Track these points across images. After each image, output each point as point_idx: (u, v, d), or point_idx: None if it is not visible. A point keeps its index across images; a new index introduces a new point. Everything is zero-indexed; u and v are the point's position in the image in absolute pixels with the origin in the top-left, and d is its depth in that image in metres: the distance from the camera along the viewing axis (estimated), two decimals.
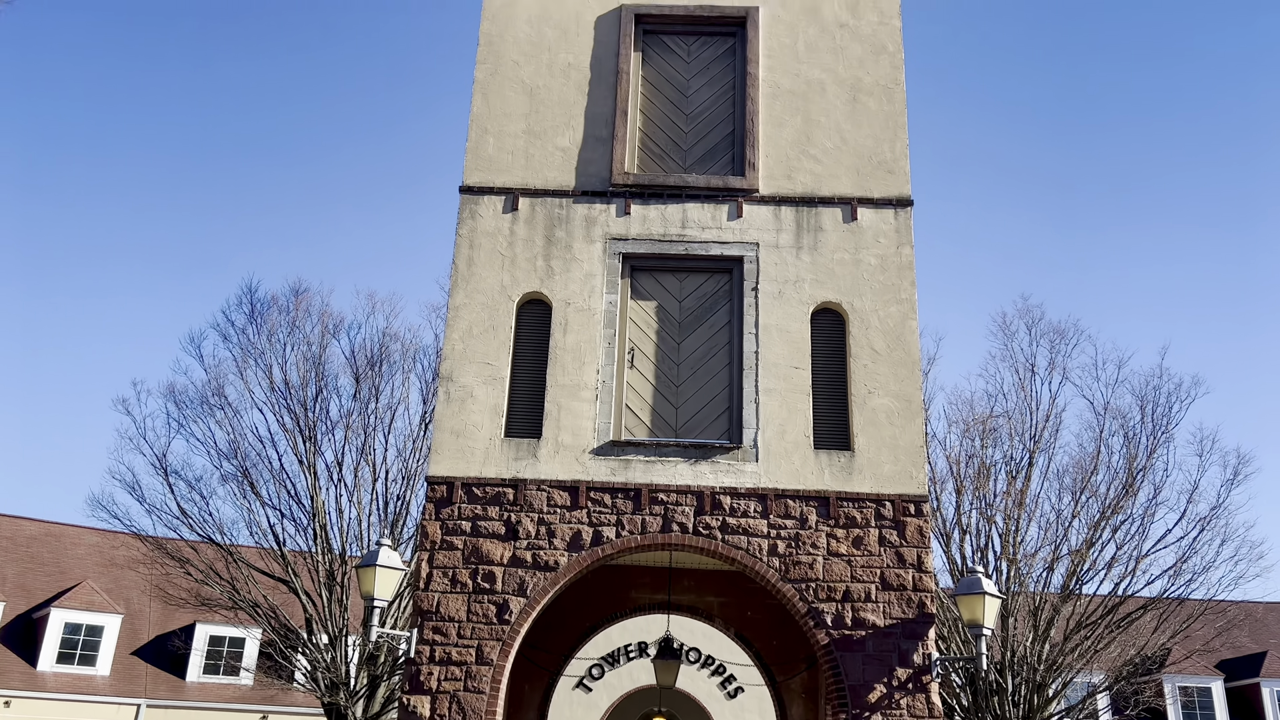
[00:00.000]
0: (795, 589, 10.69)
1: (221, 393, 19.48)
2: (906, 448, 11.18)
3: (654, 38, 13.11)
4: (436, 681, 10.32)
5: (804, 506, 10.98)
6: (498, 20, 12.94)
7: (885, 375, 11.46)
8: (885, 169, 12.27)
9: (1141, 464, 18.27)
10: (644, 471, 11.12)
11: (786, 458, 11.16)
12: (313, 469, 19.52)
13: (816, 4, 13.01)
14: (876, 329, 11.65)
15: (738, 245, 11.99)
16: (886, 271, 11.85)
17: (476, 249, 11.98)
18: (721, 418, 11.52)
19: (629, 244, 12.00)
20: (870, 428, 11.26)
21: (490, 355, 11.54)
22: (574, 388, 11.42)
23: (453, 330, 11.67)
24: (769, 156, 12.35)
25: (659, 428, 11.48)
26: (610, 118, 12.49)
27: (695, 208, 12.14)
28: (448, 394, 11.40)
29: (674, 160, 12.56)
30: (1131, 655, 18.86)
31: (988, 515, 19.21)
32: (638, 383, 11.67)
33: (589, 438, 11.23)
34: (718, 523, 10.94)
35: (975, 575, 10.43)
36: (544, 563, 10.79)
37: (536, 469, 11.13)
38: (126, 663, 32.25)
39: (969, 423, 19.75)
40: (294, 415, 19.38)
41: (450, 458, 11.16)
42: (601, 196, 12.18)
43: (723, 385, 11.64)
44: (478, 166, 12.31)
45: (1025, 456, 19.37)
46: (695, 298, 12.04)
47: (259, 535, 19.63)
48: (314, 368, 19.60)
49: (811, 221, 12.06)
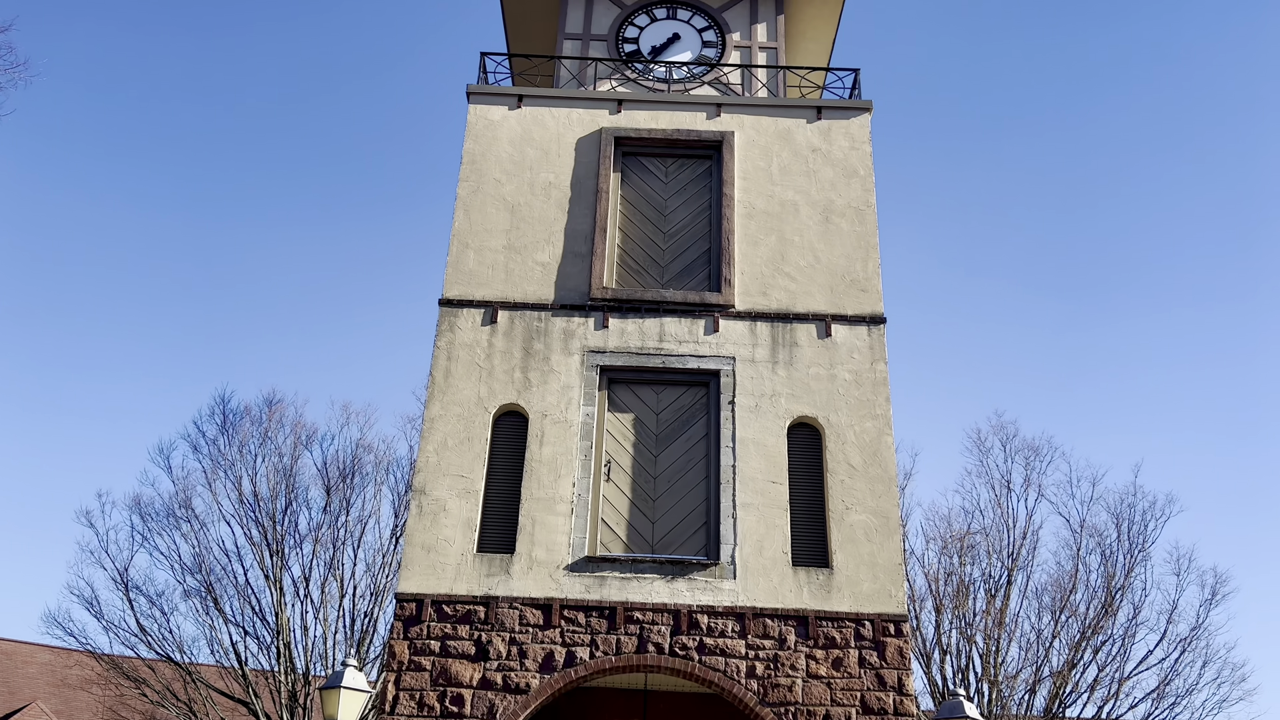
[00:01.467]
0: (774, 713, 10.38)
1: (189, 505, 19.09)
2: (885, 565, 11.05)
3: (633, 159, 13.50)
4: None
5: (783, 626, 10.76)
6: (481, 140, 13.30)
7: (862, 491, 11.42)
8: (858, 287, 12.51)
9: (1120, 583, 18.14)
10: (619, 589, 10.89)
11: (765, 575, 10.99)
12: (279, 584, 18.99)
13: (789, 129, 13.49)
14: (853, 444, 11.67)
15: (714, 359, 12.09)
16: (861, 387, 11.95)
17: (454, 361, 12.00)
18: (699, 533, 11.39)
19: (607, 357, 12.07)
20: (848, 544, 11.15)
21: (464, 468, 11.42)
22: (549, 501, 11.28)
23: (427, 442, 11.57)
24: (745, 273, 12.58)
25: (635, 543, 11.31)
26: (590, 234, 12.74)
27: (673, 322, 12.28)
28: (420, 507, 11.22)
29: (652, 276, 12.77)
30: None
31: (968, 635, 18.90)
32: (614, 496, 11.56)
33: (564, 553, 11.04)
34: (694, 643, 10.68)
35: (958, 699, 10.19)
36: (515, 685, 10.44)
37: (509, 586, 10.88)
38: None
39: (947, 540, 19.63)
40: (262, 528, 18.97)
41: (420, 574, 10.91)
42: (580, 310, 12.31)
43: (700, 499, 11.55)
44: (458, 280, 12.45)
45: (1004, 575, 19.20)
46: (672, 410, 12.05)
47: (220, 654, 18.93)
48: (285, 479, 19.29)
49: (787, 337, 12.21)
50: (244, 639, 18.84)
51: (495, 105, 13.52)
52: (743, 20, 15.18)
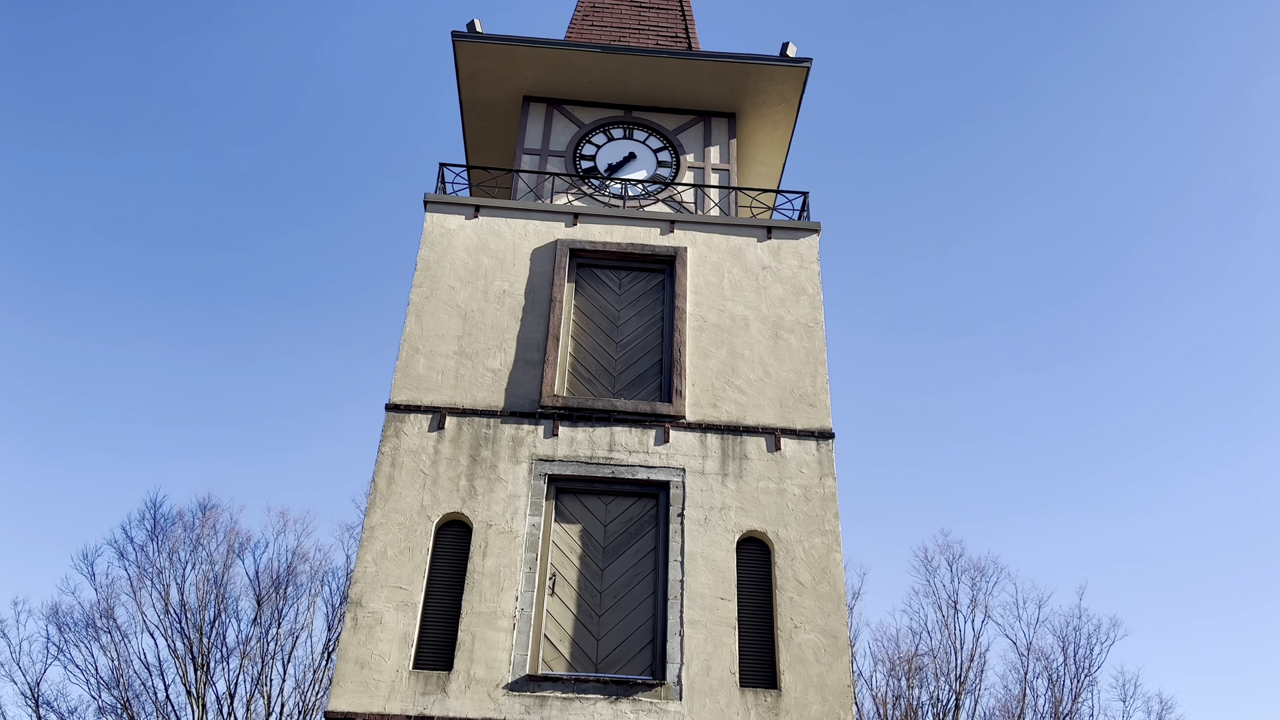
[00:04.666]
0: None
1: (110, 614, 18.13)
2: (834, 687, 10.80)
3: (588, 270, 13.66)
4: None
5: None
6: (436, 247, 13.39)
7: (811, 609, 11.24)
8: (807, 402, 12.62)
9: (1068, 708, 17.92)
10: (561, 710, 10.47)
11: (711, 696, 10.66)
12: (202, 701, 17.96)
13: (740, 247, 13.81)
14: (802, 560, 11.55)
15: (664, 470, 12.00)
16: (810, 502, 11.91)
17: (398, 467, 11.75)
18: (644, 651, 11.06)
19: (555, 465, 11.92)
20: (797, 665, 10.90)
21: (404, 579, 11.05)
22: (491, 615, 10.92)
23: (366, 552, 11.21)
24: (695, 385, 12.63)
25: (579, 660, 10.94)
26: (542, 342, 12.75)
27: (623, 431, 12.22)
28: (355, 620, 10.78)
29: (603, 385, 12.76)
30: None
31: None
32: (558, 611, 11.23)
33: (504, 671, 10.63)
34: None
35: None
36: None
37: (445, 705, 10.40)
38: None
39: (894, 661, 19.33)
40: (187, 640, 18.03)
41: (353, 691, 10.39)
42: (530, 418, 12.20)
43: (646, 615, 11.27)
44: (406, 385, 12.31)
45: (951, 699, 18.88)
46: (620, 522, 11.87)
47: None
48: (215, 589, 18.48)
49: (737, 449, 12.20)
50: None
51: (452, 214, 13.67)
52: (696, 143, 15.68)
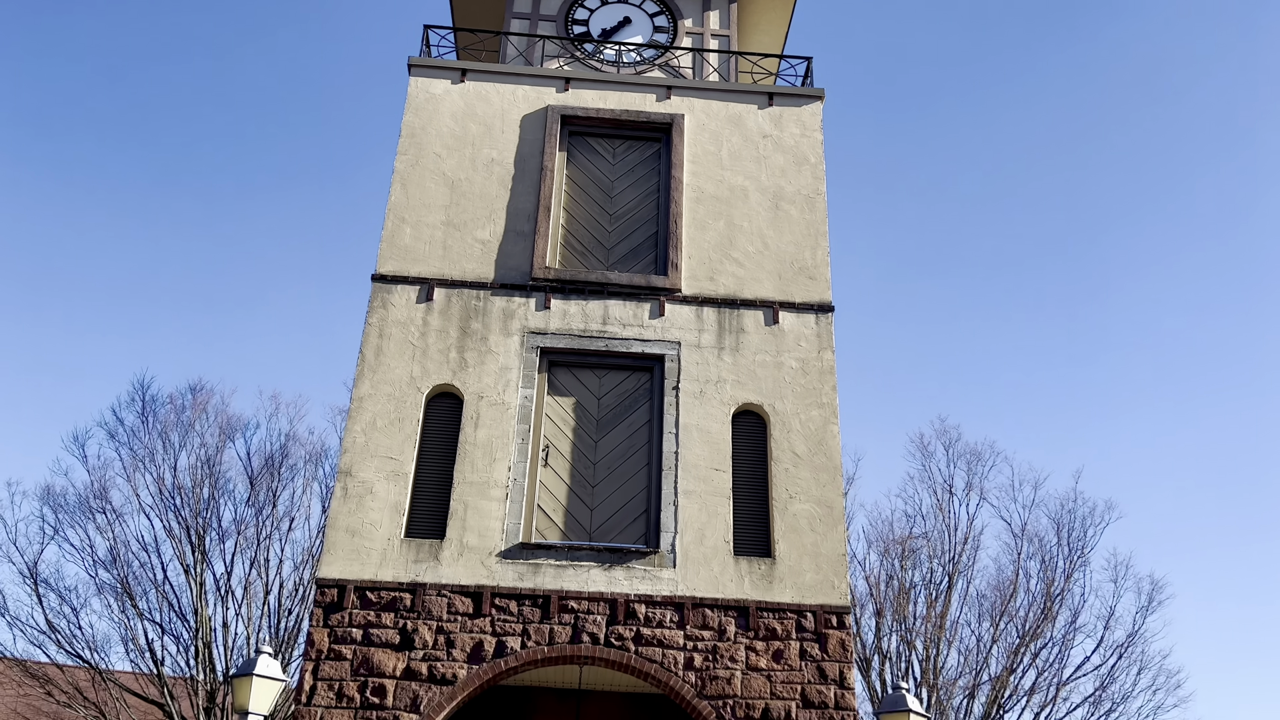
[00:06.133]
0: (712, 706, 9.98)
1: (105, 496, 18.13)
2: (829, 556, 10.75)
3: (580, 139, 13.13)
4: None
5: (723, 617, 10.39)
6: (422, 113, 12.82)
7: (807, 480, 11.12)
8: (807, 275, 12.27)
9: (1060, 588, 18.13)
10: (554, 577, 10.43)
11: (705, 564, 10.62)
12: (199, 580, 18.11)
13: (740, 114, 13.24)
14: (798, 433, 11.38)
15: (659, 344, 11.73)
16: (808, 375, 11.68)
17: (386, 339, 11.47)
18: (638, 521, 10.98)
19: (548, 338, 11.64)
20: (791, 534, 10.83)
21: (394, 450, 10.89)
22: (483, 486, 10.79)
23: (355, 422, 11.02)
24: (692, 258, 12.26)
25: (572, 530, 10.87)
26: (533, 213, 12.33)
27: (617, 305, 11.90)
28: (345, 490, 10.66)
29: (597, 258, 12.38)
30: None
31: (908, 640, 18.72)
32: (551, 482, 11.11)
33: (496, 539, 10.56)
34: (631, 633, 10.25)
35: (900, 693, 9.90)
36: (441, 676, 9.90)
37: (438, 572, 10.36)
38: None
39: (888, 543, 19.47)
40: (183, 521, 18.09)
41: (343, 559, 10.33)
42: (521, 290, 11.87)
43: (640, 486, 11.16)
44: (392, 255, 11.94)
45: (944, 580, 19.08)
46: (615, 395, 11.66)
47: (135, 655, 17.98)
48: (208, 471, 18.43)
49: (733, 323, 11.91)
50: (161, 638, 17.93)
51: (438, 79, 13.06)
52: (695, 7, 14.93)
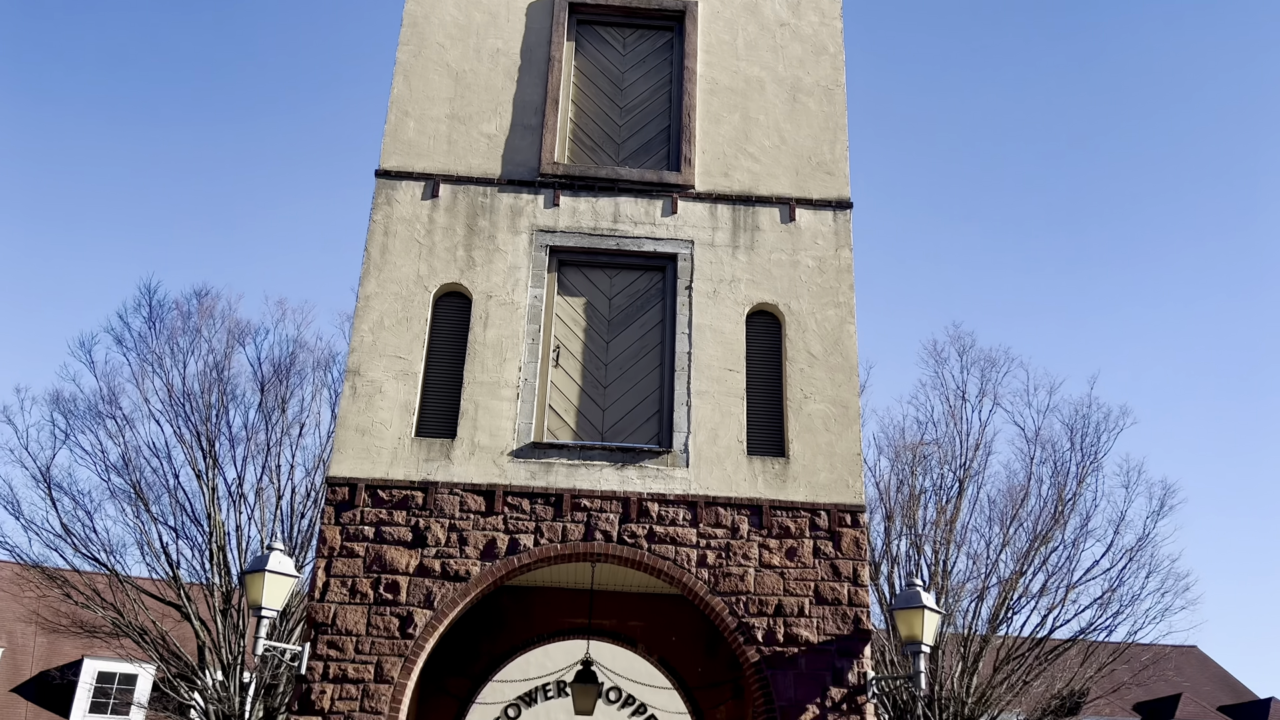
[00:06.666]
0: (725, 602, 9.99)
1: (114, 401, 18.09)
2: (843, 455, 10.63)
3: (588, 28, 12.59)
4: (330, 701, 9.31)
5: (735, 515, 10.33)
6: (424, 2, 12.28)
7: (822, 380, 10.94)
8: (824, 170, 11.87)
9: (1072, 492, 18.10)
10: (566, 476, 10.35)
11: (718, 464, 10.51)
12: (212, 486, 18.19)
13: (757, 2, 12.66)
14: (814, 332, 11.15)
15: (672, 242, 11.42)
16: (825, 274, 11.39)
17: (391, 236, 11.19)
18: (651, 421, 10.85)
19: (557, 237, 11.34)
20: (806, 434, 10.70)
21: (402, 349, 10.70)
22: (493, 385, 10.64)
23: (362, 321, 10.81)
24: (706, 153, 11.86)
25: (584, 430, 10.75)
26: (540, 106, 11.89)
27: (628, 202, 11.56)
28: (354, 389, 10.51)
29: (607, 153, 11.99)
30: (1059, 689, 18.53)
31: (917, 545, 18.81)
32: (563, 382, 10.95)
33: (508, 439, 10.45)
34: (644, 531, 10.20)
35: (914, 589, 9.87)
36: (454, 572, 9.90)
37: (449, 471, 10.28)
38: (6, 700, 29.81)
39: (899, 449, 19.41)
40: (193, 427, 18.08)
41: (354, 457, 10.25)
42: (529, 186, 11.52)
43: (653, 387, 10.99)
44: (396, 150, 11.56)
45: (955, 485, 19.07)
46: (626, 295, 11.41)
47: (150, 558, 18.19)
48: (217, 377, 18.35)
49: (748, 220, 11.57)
50: (175, 542, 18.12)
51: None
52: None
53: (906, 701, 18.21)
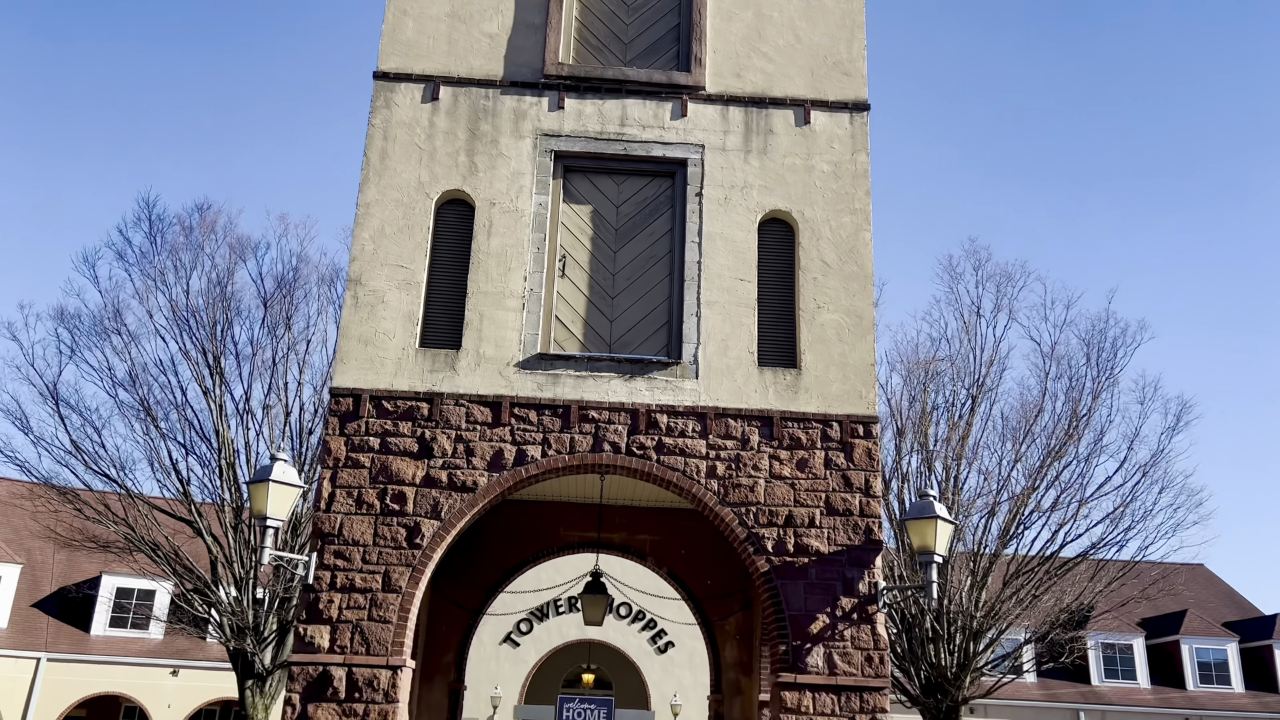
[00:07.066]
0: (734, 513, 9.88)
1: (119, 318, 17.92)
2: (856, 366, 10.39)
3: None
4: (337, 610, 9.29)
5: (746, 427, 10.15)
6: None
7: (836, 289, 10.64)
8: (841, 70, 11.38)
9: (1086, 408, 17.89)
10: (574, 387, 10.16)
11: (729, 375, 10.30)
12: (219, 403, 18.12)
13: None
14: (828, 240, 10.81)
15: (681, 147, 11.01)
16: (840, 179, 11.00)
17: (391, 141, 10.81)
18: (660, 332, 10.60)
19: (562, 141, 10.94)
20: (818, 344, 10.44)
21: (404, 257, 10.42)
22: (498, 295, 10.38)
23: (362, 229, 10.51)
24: (717, 53, 11.36)
25: (592, 341, 10.51)
26: (544, 3, 11.37)
27: (636, 105, 11.12)
28: (356, 298, 10.27)
29: (613, 53, 11.50)
30: (1068, 603, 18.60)
31: (928, 461, 18.70)
32: (569, 293, 10.68)
33: (514, 350, 10.23)
34: (653, 443, 10.04)
35: (927, 500, 9.72)
36: (461, 483, 9.79)
37: (455, 382, 10.09)
38: (26, 615, 30.45)
39: (912, 366, 19.17)
40: (198, 343, 17.93)
41: (357, 368, 10.06)
42: (533, 89, 11.08)
43: (662, 297, 10.71)
44: (394, 51, 11.10)
45: (967, 401, 18.87)
46: (634, 203, 11.05)
47: (161, 475, 18.23)
48: (220, 293, 18.13)
49: (761, 124, 11.14)
50: (185, 458, 18.14)
51: None
52: None
53: (915, 615, 18.32)
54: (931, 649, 18.19)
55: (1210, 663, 34.54)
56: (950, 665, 18.08)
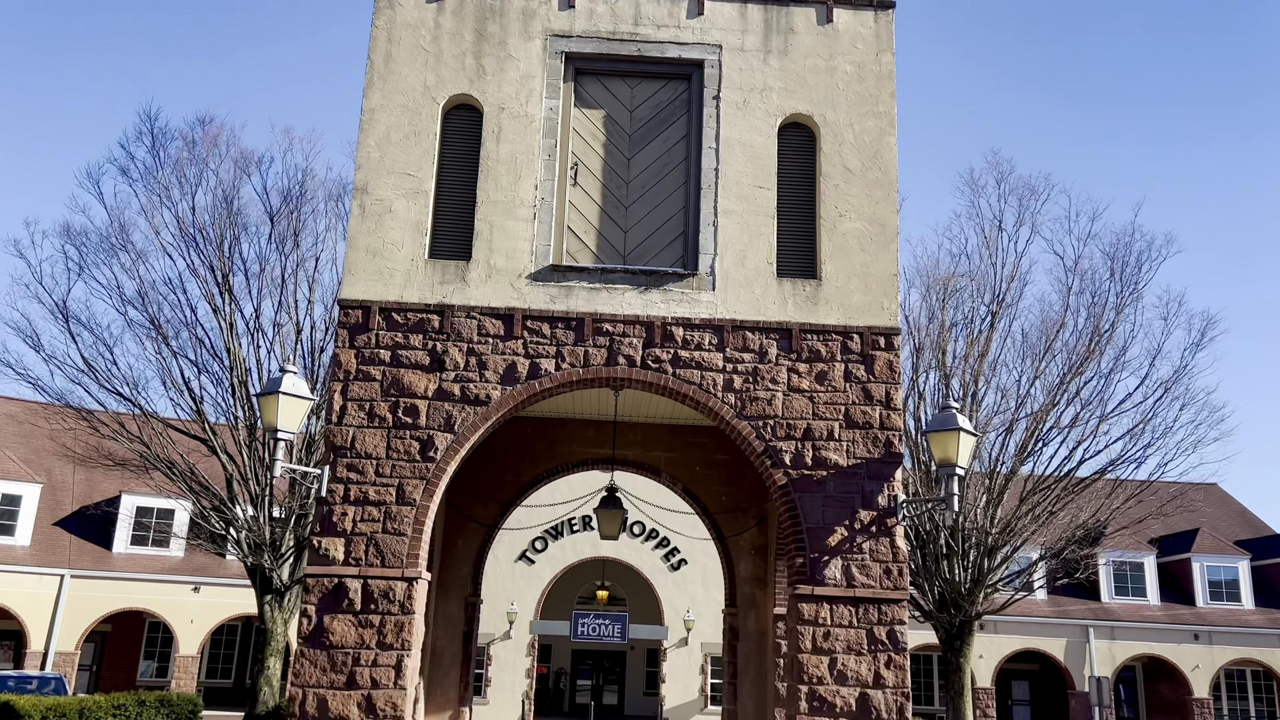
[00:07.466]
0: (752, 426, 9.69)
1: (126, 234, 17.66)
2: (878, 276, 10.09)
3: None
4: (351, 523, 9.22)
5: (764, 339, 9.90)
6: None
7: (858, 196, 10.26)
8: None
9: (1109, 323, 17.54)
10: (587, 300, 9.90)
11: (746, 286, 10.01)
12: (229, 321, 17.96)
13: None
14: (851, 145, 10.39)
15: (698, 47, 10.54)
16: (864, 81, 10.53)
17: (395, 44, 10.37)
18: (675, 242, 10.29)
19: (573, 42, 10.48)
20: (839, 254, 10.12)
21: (411, 165, 10.08)
22: (509, 204, 10.06)
23: (368, 136, 10.15)
24: None
25: (605, 253, 10.21)
26: None
27: (650, 3, 10.61)
28: (362, 208, 9.97)
29: None
30: (1084, 519, 18.54)
31: (945, 378, 18.46)
32: (581, 202, 10.34)
33: (525, 261, 9.95)
34: (669, 356, 9.82)
35: (949, 411, 9.51)
36: (474, 396, 9.62)
37: (465, 294, 9.84)
38: (48, 533, 30.94)
39: (930, 282, 18.79)
40: (206, 261, 17.69)
41: (366, 279, 9.82)
42: None
43: (678, 206, 10.37)
44: None
45: (987, 318, 18.54)
46: (648, 107, 10.63)
47: (174, 393, 18.18)
48: (226, 209, 17.81)
49: (782, 22, 10.63)
50: (198, 377, 18.06)
51: None
52: None
53: (929, 532, 18.31)
54: (945, 565, 18.21)
55: (1221, 580, 34.76)
56: (964, 581, 18.13)
